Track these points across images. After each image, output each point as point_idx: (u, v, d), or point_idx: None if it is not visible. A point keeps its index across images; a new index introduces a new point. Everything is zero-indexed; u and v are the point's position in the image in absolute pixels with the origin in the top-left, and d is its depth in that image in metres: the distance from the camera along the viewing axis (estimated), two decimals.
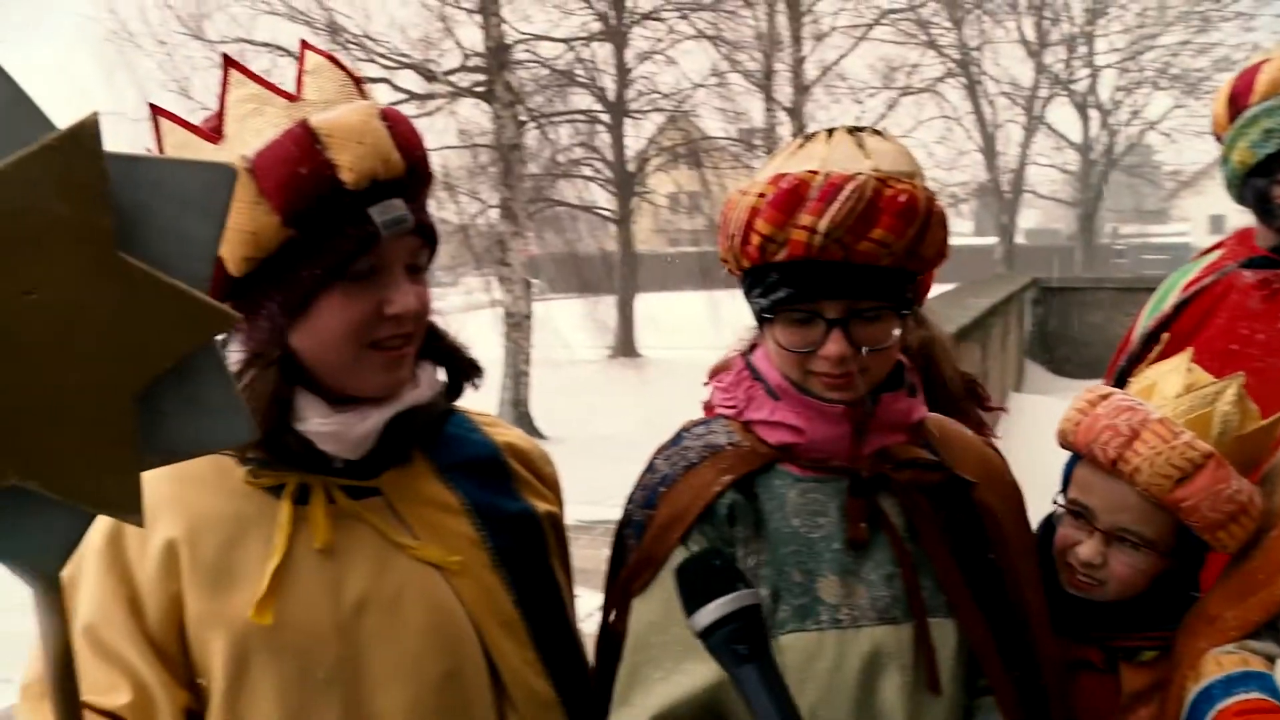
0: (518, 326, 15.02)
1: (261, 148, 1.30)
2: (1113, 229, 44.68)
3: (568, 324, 19.34)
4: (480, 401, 1.64)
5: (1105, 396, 1.72)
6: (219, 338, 1.06)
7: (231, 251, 1.30)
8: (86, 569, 1.39)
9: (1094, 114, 31.37)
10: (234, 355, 1.40)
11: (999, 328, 11.24)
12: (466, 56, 15.86)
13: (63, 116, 0.91)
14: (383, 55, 15.86)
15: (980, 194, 32.57)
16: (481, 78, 15.46)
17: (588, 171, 22.02)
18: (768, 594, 1.51)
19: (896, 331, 1.52)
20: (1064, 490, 1.77)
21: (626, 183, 21.87)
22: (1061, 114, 31.98)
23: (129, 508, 0.95)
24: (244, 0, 15.88)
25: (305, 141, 1.29)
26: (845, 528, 1.54)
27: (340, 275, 1.33)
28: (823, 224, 1.41)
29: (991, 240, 33.29)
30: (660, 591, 1.49)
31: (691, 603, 1.28)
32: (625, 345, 22.78)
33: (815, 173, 1.44)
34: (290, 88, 1.38)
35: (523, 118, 16.25)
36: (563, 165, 20.78)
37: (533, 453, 1.70)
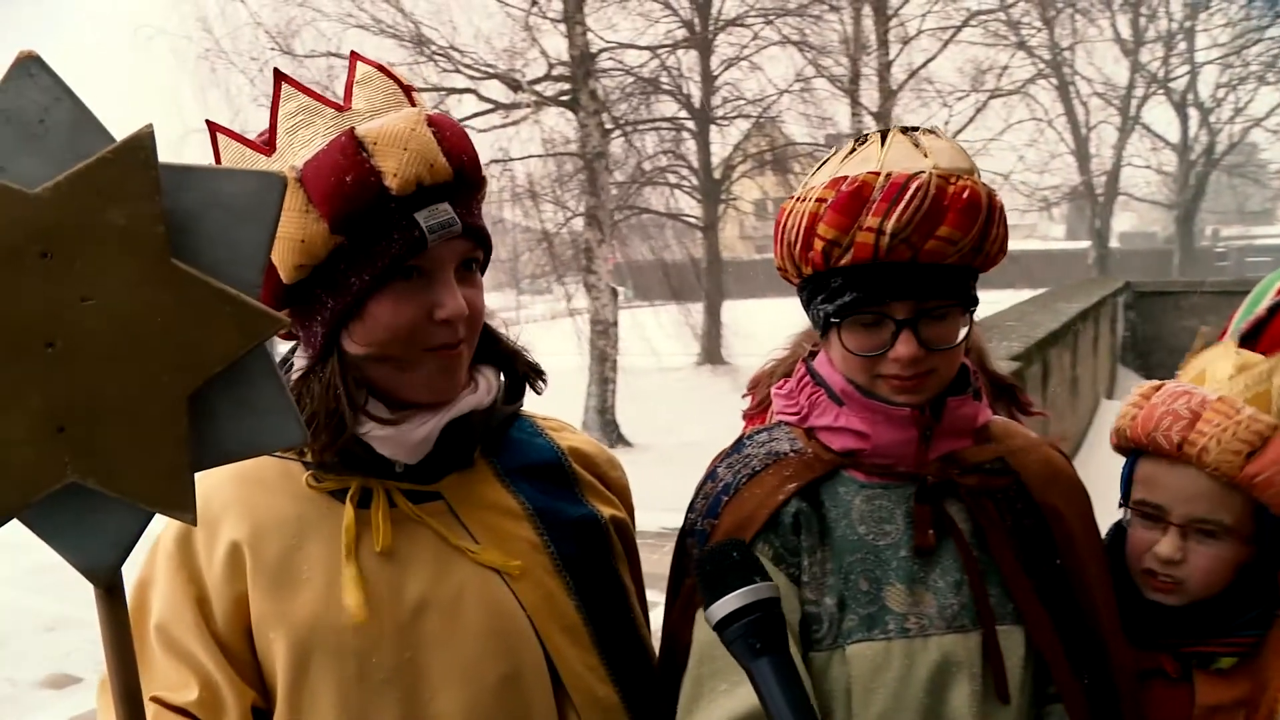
0: (604, 334, 15.08)
1: (309, 157, 1.32)
2: (1213, 231, 43.52)
3: (655, 331, 19.34)
4: (566, 409, 1.65)
5: (1157, 388, 1.69)
6: (272, 343, 1.07)
7: (283, 259, 1.33)
8: (159, 569, 1.43)
9: (1193, 112, 30.57)
10: (297, 363, 1.43)
11: (1089, 333, 11.01)
12: (551, 65, 15.97)
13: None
14: (469, 66, 16.02)
15: (1073, 197, 31.90)
16: (566, 86, 15.57)
17: (673, 179, 22.03)
18: (834, 603, 1.50)
19: (964, 330, 1.50)
20: (1125, 495, 1.72)
21: (712, 190, 21.84)
22: (1158, 113, 31.33)
23: (182, 506, 0.98)
24: (332, 16, 16.16)
25: (350, 149, 1.31)
26: (912, 535, 1.52)
27: (389, 279, 1.35)
28: (889, 224, 1.40)
29: (1084, 244, 32.64)
30: None
31: (709, 595, 1.26)
32: (712, 352, 22.73)
33: (876, 174, 1.43)
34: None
35: (608, 126, 16.30)
36: (648, 173, 20.80)
37: (598, 457, 1.69)
